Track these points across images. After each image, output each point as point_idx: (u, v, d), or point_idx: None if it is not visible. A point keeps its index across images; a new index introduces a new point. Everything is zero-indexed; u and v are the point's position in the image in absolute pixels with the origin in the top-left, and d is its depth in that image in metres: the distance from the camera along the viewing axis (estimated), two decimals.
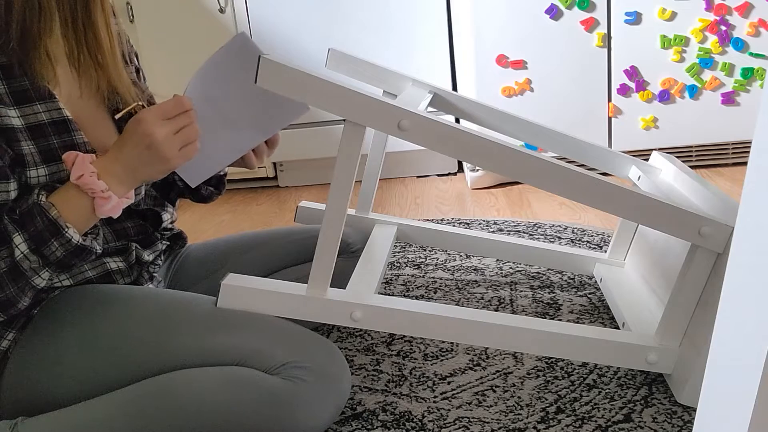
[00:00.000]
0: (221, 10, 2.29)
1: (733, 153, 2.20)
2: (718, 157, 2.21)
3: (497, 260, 1.59)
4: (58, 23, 0.85)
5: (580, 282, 1.45)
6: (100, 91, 0.95)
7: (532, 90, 2.14)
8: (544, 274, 1.50)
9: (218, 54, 0.94)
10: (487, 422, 1.00)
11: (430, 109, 1.30)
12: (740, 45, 2.05)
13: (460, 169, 2.48)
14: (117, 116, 0.98)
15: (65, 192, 0.86)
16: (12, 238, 0.82)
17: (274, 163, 2.47)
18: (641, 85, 2.11)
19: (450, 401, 1.06)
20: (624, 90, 2.12)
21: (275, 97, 0.93)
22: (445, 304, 1.29)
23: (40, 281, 0.85)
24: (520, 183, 2.11)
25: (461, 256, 1.64)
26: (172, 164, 0.88)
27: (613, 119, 2.15)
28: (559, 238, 1.72)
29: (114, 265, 1.00)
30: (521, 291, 1.43)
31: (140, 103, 0.95)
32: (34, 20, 0.83)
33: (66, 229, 0.84)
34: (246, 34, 0.93)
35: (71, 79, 0.93)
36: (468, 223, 1.87)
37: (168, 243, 1.17)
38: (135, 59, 1.10)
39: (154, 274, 1.10)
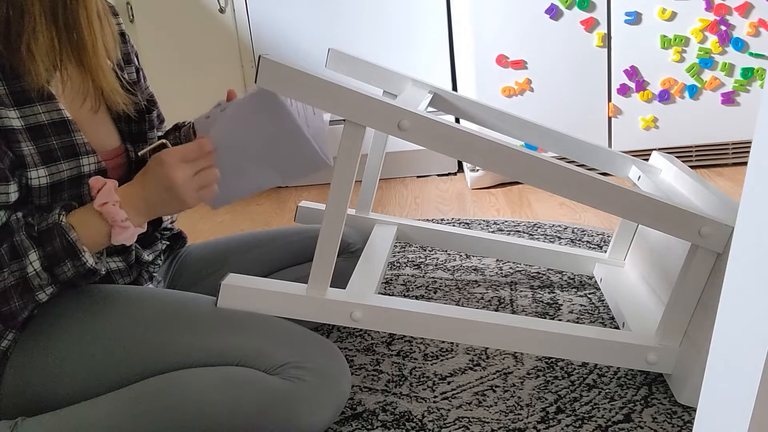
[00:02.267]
0: (221, 10, 2.29)
1: (733, 153, 2.20)
2: (718, 157, 2.21)
3: (497, 260, 1.59)
4: (41, 24, 0.84)
5: (580, 282, 1.45)
6: (84, 92, 0.95)
7: (532, 90, 2.14)
8: (544, 274, 1.50)
9: (246, 101, 0.95)
10: (487, 422, 1.00)
11: (430, 109, 1.30)
12: (740, 45, 2.05)
13: (460, 169, 2.48)
14: (140, 153, 1.00)
15: (85, 215, 0.87)
16: (27, 254, 0.83)
17: None
18: (641, 85, 2.11)
19: (450, 401, 1.06)
20: (624, 90, 2.12)
21: (301, 148, 0.95)
22: (445, 304, 1.29)
23: (44, 297, 0.86)
24: (520, 183, 2.11)
25: (461, 256, 1.64)
26: (189, 205, 0.91)
27: (613, 119, 2.15)
28: (559, 238, 1.72)
29: (114, 264, 1.00)
30: (521, 291, 1.43)
31: (164, 140, 0.97)
32: (16, 20, 0.83)
33: (83, 253, 0.85)
34: (274, 94, 0.93)
35: (71, 81, 0.93)
36: (468, 223, 1.87)
37: (168, 243, 1.17)
38: (135, 59, 1.10)
39: (154, 274, 1.10)
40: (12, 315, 0.84)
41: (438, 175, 2.46)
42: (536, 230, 1.79)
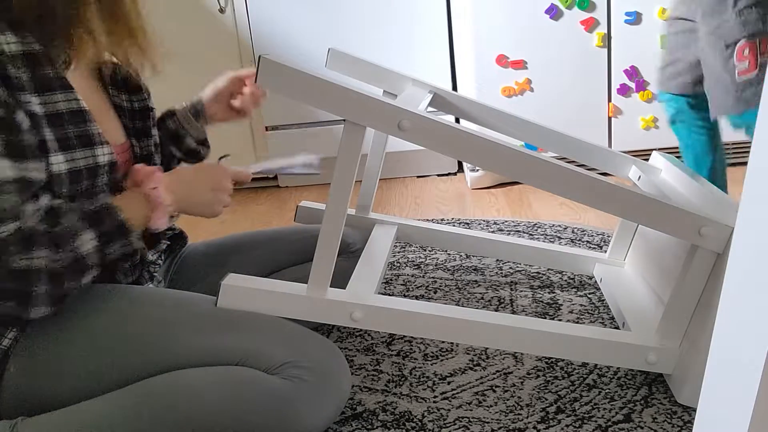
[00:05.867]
0: (221, 10, 2.29)
1: (733, 153, 2.20)
2: None
3: (497, 260, 1.59)
4: (90, 8, 0.89)
5: (580, 282, 1.45)
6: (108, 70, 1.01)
7: (532, 90, 2.14)
8: (544, 274, 1.50)
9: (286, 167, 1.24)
10: (487, 422, 1.00)
11: (430, 109, 1.29)
12: None
13: (460, 169, 2.48)
14: (220, 158, 1.11)
15: (129, 198, 0.93)
16: (81, 234, 0.85)
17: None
18: (641, 85, 2.11)
19: (450, 401, 1.06)
20: (624, 90, 2.12)
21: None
22: (445, 304, 1.29)
23: (87, 280, 0.87)
24: (520, 183, 2.11)
25: (461, 256, 1.64)
26: (210, 212, 1.02)
27: (613, 119, 2.15)
28: (559, 238, 1.72)
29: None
30: (521, 291, 1.43)
31: (228, 155, 1.09)
32: (66, 6, 0.86)
33: (131, 234, 0.89)
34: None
35: (79, 77, 0.94)
36: (468, 223, 1.87)
37: (168, 242, 1.17)
38: None
39: (155, 274, 1.10)
40: (64, 295, 0.85)
41: (438, 175, 2.46)
42: (536, 230, 1.79)
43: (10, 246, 0.80)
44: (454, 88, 2.33)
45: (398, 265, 1.61)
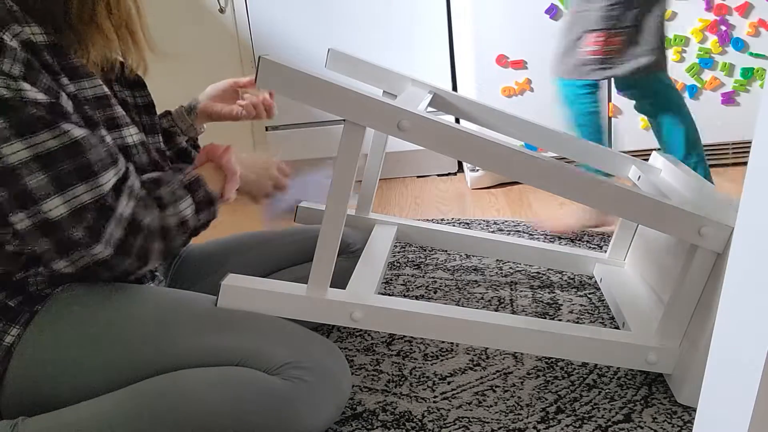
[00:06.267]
0: (221, 10, 2.29)
1: (733, 153, 2.20)
2: (718, 157, 2.21)
3: (497, 260, 1.59)
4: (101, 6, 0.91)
5: (580, 282, 1.45)
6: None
7: (532, 90, 2.14)
8: (544, 274, 1.50)
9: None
10: (487, 422, 1.00)
11: (430, 109, 1.30)
12: (740, 45, 2.05)
13: (460, 169, 2.48)
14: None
15: (209, 171, 1.01)
16: (183, 199, 0.93)
17: None
18: None
19: (450, 401, 1.06)
20: None
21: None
22: (445, 304, 1.29)
23: (186, 244, 0.97)
24: (520, 183, 2.11)
25: (461, 256, 1.64)
26: (259, 193, 1.16)
27: (613, 119, 2.15)
28: (559, 238, 1.72)
29: None
30: (521, 291, 1.43)
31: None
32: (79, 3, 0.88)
33: (216, 203, 0.98)
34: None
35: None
36: (468, 223, 1.87)
37: None
38: None
39: (156, 273, 1.10)
40: (172, 252, 0.94)
41: (438, 175, 2.46)
42: (536, 230, 1.78)
43: (119, 202, 0.86)
44: (454, 88, 2.33)
45: (398, 265, 1.61)
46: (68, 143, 0.83)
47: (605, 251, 1.47)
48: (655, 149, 1.50)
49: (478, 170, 2.21)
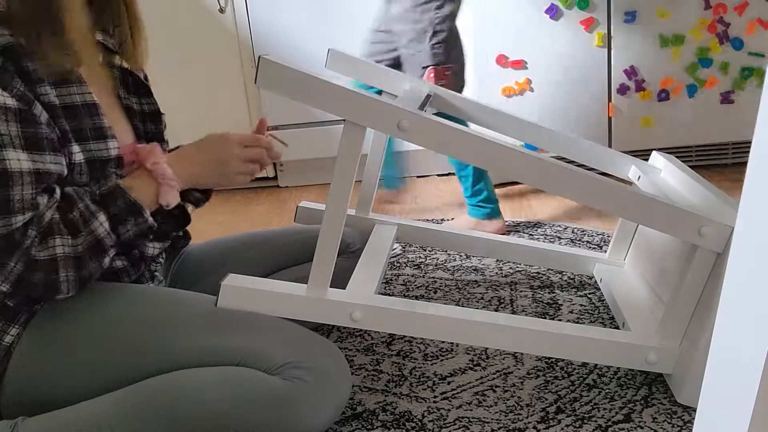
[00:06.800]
0: (221, 10, 2.29)
1: (733, 153, 2.20)
2: (718, 157, 2.21)
3: (497, 260, 1.59)
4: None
5: (580, 282, 1.45)
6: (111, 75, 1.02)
7: (532, 90, 2.14)
8: (544, 274, 1.50)
9: None
10: (487, 422, 1.00)
11: (430, 109, 1.30)
12: (739, 44, 2.05)
13: None
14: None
15: (137, 177, 0.95)
16: (96, 216, 0.88)
17: (274, 163, 2.47)
18: (641, 85, 2.11)
19: (450, 401, 1.06)
20: (624, 90, 2.12)
21: None
22: (445, 304, 1.29)
23: (107, 261, 0.91)
24: (520, 183, 2.11)
25: (461, 256, 1.64)
26: (227, 181, 1.03)
27: (613, 119, 2.15)
28: (559, 238, 1.72)
29: (119, 263, 1.00)
30: (521, 291, 1.43)
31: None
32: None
33: (144, 210, 0.92)
34: None
35: (90, 78, 0.95)
36: None
37: (170, 241, 1.16)
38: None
39: (156, 273, 1.10)
40: (89, 277, 0.88)
41: (438, 175, 2.46)
42: (536, 230, 1.79)
43: (26, 238, 0.82)
44: None
45: (398, 265, 1.61)
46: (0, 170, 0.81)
47: (605, 251, 1.47)
48: (654, 149, 1.50)
49: None
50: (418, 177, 2.46)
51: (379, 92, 1.36)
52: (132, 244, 0.94)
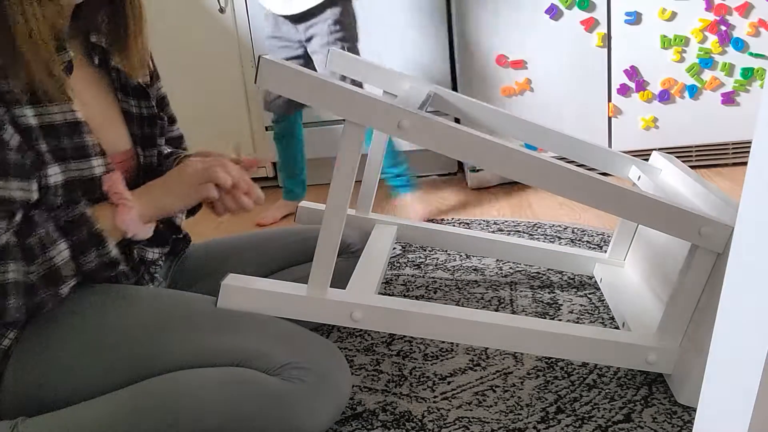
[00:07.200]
0: (221, 10, 2.29)
1: (733, 153, 2.20)
2: (718, 157, 2.20)
3: (497, 260, 1.59)
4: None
5: (580, 282, 1.45)
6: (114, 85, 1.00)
7: (532, 90, 2.14)
8: (544, 274, 1.50)
9: None
10: (487, 422, 1.00)
11: (430, 109, 1.29)
12: (740, 45, 2.05)
13: (460, 169, 2.48)
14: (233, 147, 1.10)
15: (102, 207, 0.91)
16: (56, 244, 0.85)
17: (274, 164, 2.47)
18: (641, 85, 2.11)
19: (450, 401, 1.06)
20: (624, 90, 2.12)
21: None
22: (445, 304, 1.29)
23: (66, 290, 0.87)
24: (520, 183, 2.11)
25: (461, 256, 1.64)
26: (187, 192, 0.96)
27: (613, 119, 2.15)
28: (559, 238, 1.72)
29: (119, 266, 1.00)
30: (521, 291, 1.43)
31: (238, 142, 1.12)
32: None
33: (107, 241, 0.89)
34: None
35: (85, 82, 0.94)
36: (468, 223, 1.87)
37: (169, 246, 1.16)
38: (150, 61, 1.09)
39: (155, 275, 1.10)
40: (39, 307, 0.85)
41: (438, 175, 2.46)
42: (536, 230, 1.79)
43: None
44: (454, 88, 2.33)
45: (398, 265, 1.61)
46: None
47: (605, 251, 1.46)
48: (655, 149, 1.50)
49: (478, 170, 2.21)
50: (418, 177, 2.46)
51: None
52: (93, 277, 0.91)
